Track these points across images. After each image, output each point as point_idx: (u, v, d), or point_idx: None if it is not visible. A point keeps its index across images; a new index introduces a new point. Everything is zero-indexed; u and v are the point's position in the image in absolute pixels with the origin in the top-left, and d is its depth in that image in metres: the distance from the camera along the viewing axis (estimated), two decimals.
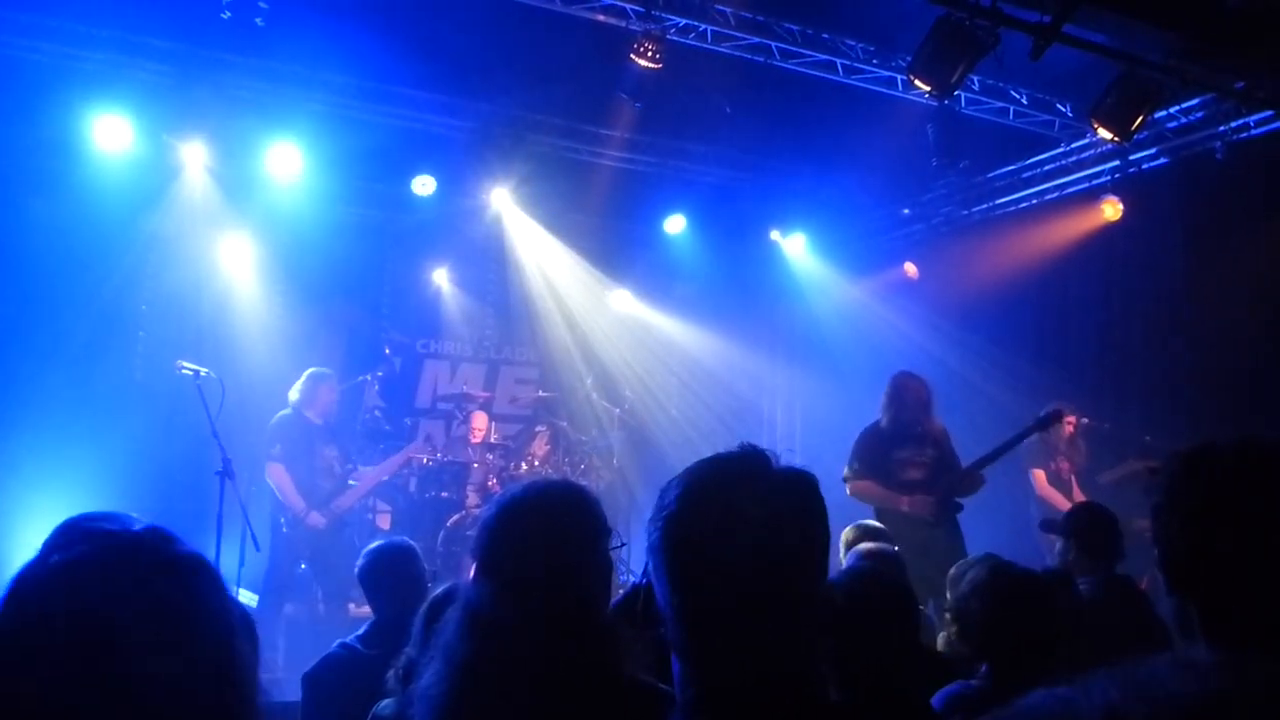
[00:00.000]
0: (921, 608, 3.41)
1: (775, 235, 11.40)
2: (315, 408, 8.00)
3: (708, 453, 1.51)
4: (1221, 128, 7.98)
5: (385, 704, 2.84)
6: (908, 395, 7.05)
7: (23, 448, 7.93)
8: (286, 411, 7.93)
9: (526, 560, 2.15)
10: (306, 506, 7.72)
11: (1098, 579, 4.53)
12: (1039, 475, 7.94)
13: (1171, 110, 8.05)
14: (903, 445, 6.96)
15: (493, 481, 9.74)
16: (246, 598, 7.74)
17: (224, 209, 9.23)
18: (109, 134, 8.34)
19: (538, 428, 10.52)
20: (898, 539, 6.34)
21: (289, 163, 9.08)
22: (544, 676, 2.04)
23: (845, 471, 7.02)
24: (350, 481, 8.27)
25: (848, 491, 6.92)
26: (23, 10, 7.68)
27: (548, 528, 2.19)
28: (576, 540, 2.20)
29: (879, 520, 6.47)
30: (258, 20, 7.13)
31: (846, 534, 5.04)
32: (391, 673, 2.87)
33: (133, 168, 8.64)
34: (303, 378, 8.06)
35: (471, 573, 2.27)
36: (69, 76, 7.97)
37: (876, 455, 6.97)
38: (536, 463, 10.03)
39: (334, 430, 8.32)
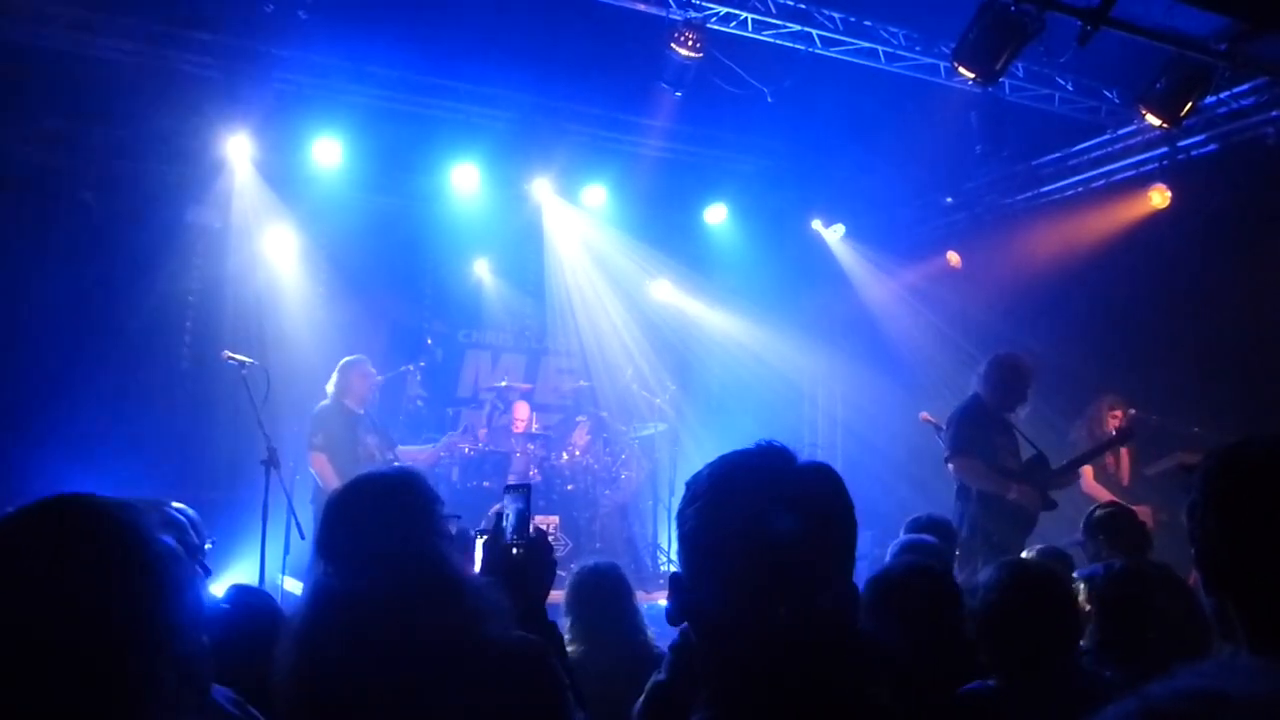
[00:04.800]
0: None
1: (816, 224, 11.33)
2: (352, 395, 8.01)
3: (749, 443, 1.53)
4: (1274, 113, 7.81)
5: None
6: (1021, 382, 6.64)
7: (74, 435, 8.06)
8: (326, 402, 7.96)
9: (357, 541, 2.30)
10: None
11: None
12: (1086, 471, 7.81)
13: (1222, 95, 7.88)
14: (1000, 431, 6.61)
15: (534, 471, 9.79)
16: (293, 586, 7.84)
17: (268, 201, 9.33)
18: (158, 127, 8.45)
19: (578, 417, 10.56)
20: (997, 529, 6.29)
21: (332, 155, 9.17)
22: (383, 643, 2.13)
23: (949, 449, 6.60)
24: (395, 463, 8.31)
25: (952, 467, 6.54)
26: (70, 4, 7.80)
27: (374, 510, 2.35)
28: (403, 519, 2.33)
29: (981, 506, 6.38)
30: (300, 13, 7.18)
31: (906, 526, 5.02)
32: None
33: (180, 160, 8.76)
34: (336, 368, 8.06)
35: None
36: (117, 70, 8.07)
37: (982, 436, 6.54)
38: (577, 452, 10.07)
39: (375, 418, 8.37)
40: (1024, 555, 5.00)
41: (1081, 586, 3.56)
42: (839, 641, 1.44)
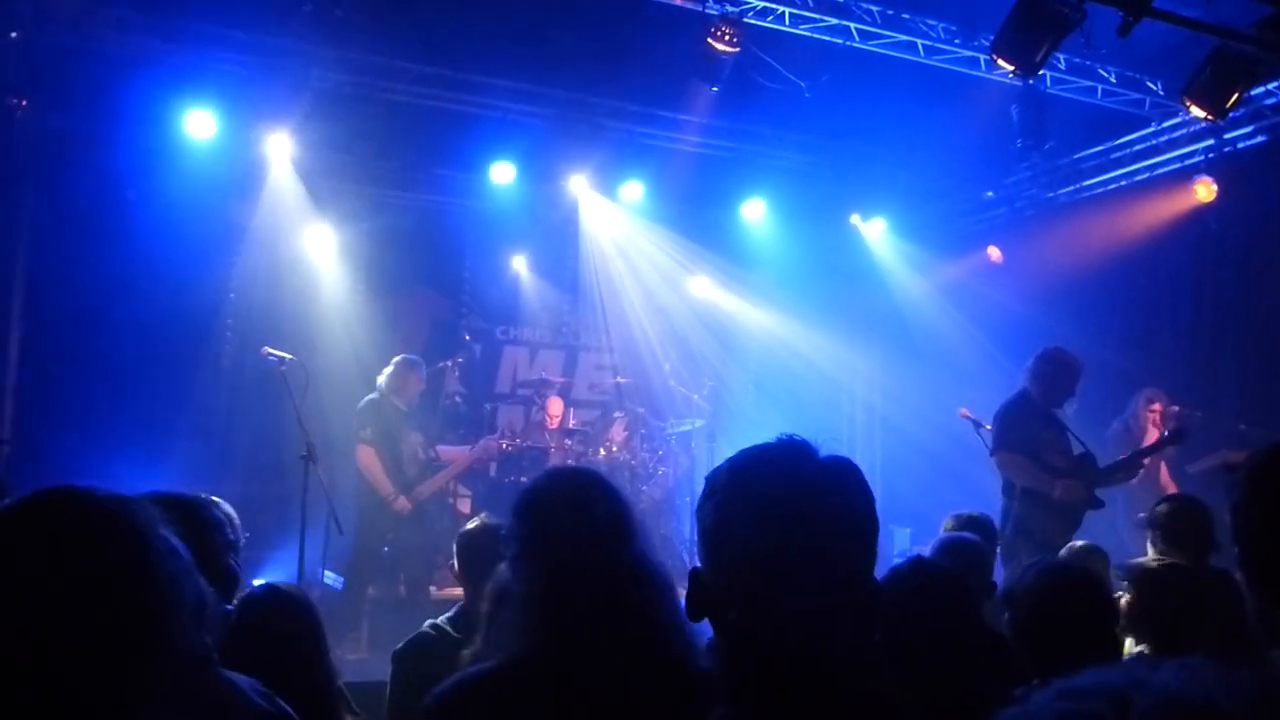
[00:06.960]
0: None
1: (855, 219, 11.26)
2: (402, 395, 8.02)
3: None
4: None
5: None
6: (1070, 376, 6.58)
7: (117, 431, 8.17)
8: (374, 395, 7.96)
9: (562, 543, 2.19)
10: (395, 491, 7.79)
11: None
12: None
13: (1270, 86, 7.75)
14: (1048, 427, 6.52)
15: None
16: (331, 579, 7.91)
17: (307, 199, 9.40)
18: (197, 126, 8.55)
19: (616, 414, 10.56)
20: (1040, 528, 6.21)
21: (370, 152, 9.23)
22: (599, 658, 2.07)
23: (993, 444, 6.57)
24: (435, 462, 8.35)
25: (996, 462, 6.51)
26: (110, 5, 7.90)
27: (576, 510, 2.23)
28: (604, 521, 2.23)
29: (1025, 502, 6.32)
30: (338, 11, 7.23)
31: (947, 523, 4.97)
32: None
33: (220, 159, 8.85)
34: (393, 364, 8.06)
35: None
36: (157, 70, 8.17)
37: (1028, 432, 6.47)
38: (615, 448, 10.07)
39: (418, 417, 8.40)
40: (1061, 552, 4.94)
41: (1124, 585, 3.52)
42: (859, 641, 1.42)
